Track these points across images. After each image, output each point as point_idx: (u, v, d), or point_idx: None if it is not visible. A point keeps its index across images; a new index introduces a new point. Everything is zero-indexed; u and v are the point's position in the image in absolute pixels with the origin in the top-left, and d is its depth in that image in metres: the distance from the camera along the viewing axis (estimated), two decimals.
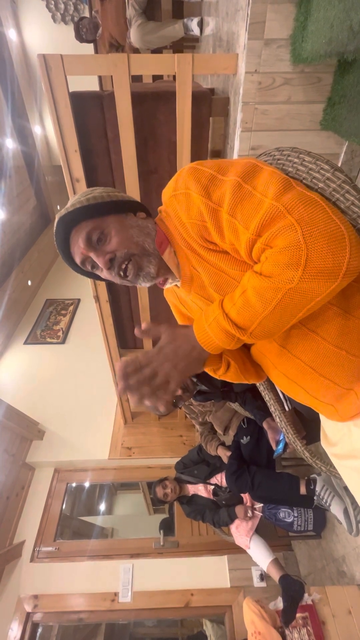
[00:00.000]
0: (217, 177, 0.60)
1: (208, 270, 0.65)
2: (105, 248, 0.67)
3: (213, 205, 0.59)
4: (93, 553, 2.63)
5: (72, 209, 0.67)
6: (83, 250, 0.68)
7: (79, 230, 0.67)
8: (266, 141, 1.42)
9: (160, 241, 0.69)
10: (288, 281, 0.52)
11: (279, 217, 0.53)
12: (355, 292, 0.60)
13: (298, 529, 2.01)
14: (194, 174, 0.62)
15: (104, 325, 2.27)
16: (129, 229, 0.68)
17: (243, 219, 0.56)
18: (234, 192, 0.57)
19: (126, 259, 0.67)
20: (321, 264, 0.50)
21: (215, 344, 0.60)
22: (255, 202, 0.55)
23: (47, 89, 1.38)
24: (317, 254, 0.50)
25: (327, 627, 1.57)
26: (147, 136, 1.62)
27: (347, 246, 0.50)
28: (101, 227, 0.67)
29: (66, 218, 0.67)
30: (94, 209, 0.67)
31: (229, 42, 1.55)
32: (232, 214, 0.57)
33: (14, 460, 2.88)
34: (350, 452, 0.72)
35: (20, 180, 4.82)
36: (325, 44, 1.01)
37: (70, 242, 0.69)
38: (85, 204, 0.67)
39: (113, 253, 0.67)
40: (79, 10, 4.47)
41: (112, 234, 0.67)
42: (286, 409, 1.15)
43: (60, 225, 0.67)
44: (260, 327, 0.57)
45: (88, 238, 0.67)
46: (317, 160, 0.57)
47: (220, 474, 2.26)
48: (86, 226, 0.67)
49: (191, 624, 3.13)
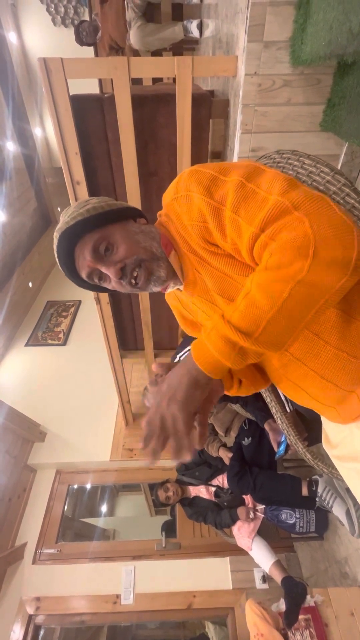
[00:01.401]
0: (219, 178, 0.59)
1: (211, 273, 0.64)
2: (114, 258, 0.65)
3: (215, 204, 0.57)
4: (95, 555, 2.63)
5: (73, 223, 0.64)
6: (90, 263, 0.65)
7: (83, 243, 0.65)
8: (266, 143, 1.42)
9: (164, 244, 0.68)
10: (297, 271, 0.47)
11: (285, 212, 0.51)
12: (356, 295, 0.60)
13: (300, 530, 2.01)
14: (195, 176, 0.61)
15: (105, 327, 2.28)
16: (134, 236, 0.67)
17: (247, 216, 0.54)
18: (237, 191, 0.55)
19: (137, 265, 0.65)
20: (331, 253, 0.47)
21: (213, 358, 0.52)
22: (259, 199, 0.54)
23: (48, 92, 1.39)
24: (326, 245, 0.47)
25: (330, 629, 1.56)
26: (147, 138, 1.62)
27: (356, 240, 0.48)
28: (106, 237, 0.65)
29: (68, 232, 0.64)
30: (95, 220, 0.65)
31: (228, 44, 1.56)
32: (235, 211, 0.55)
33: (15, 462, 2.88)
34: (352, 454, 0.72)
35: (20, 182, 4.83)
36: (325, 46, 1.01)
37: (75, 256, 0.66)
38: (86, 215, 0.65)
39: (123, 262, 0.65)
40: (78, 13, 4.49)
41: (119, 243, 0.65)
42: (287, 411, 1.15)
43: (63, 241, 0.64)
44: (267, 331, 0.50)
45: (95, 250, 0.64)
46: (317, 163, 0.57)
47: (222, 475, 2.25)
48: (91, 238, 0.64)
49: (193, 626, 3.12)
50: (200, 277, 0.67)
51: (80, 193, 1.65)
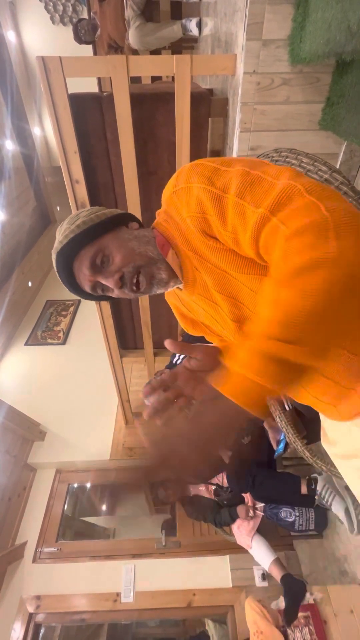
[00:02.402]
0: (221, 169, 0.57)
1: (210, 270, 0.64)
2: (112, 268, 0.66)
3: (216, 192, 0.55)
4: (95, 553, 2.63)
5: (66, 241, 0.66)
6: (90, 277, 0.67)
7: (80, 259, 0.66)
8: (265, 141, 1.42)
9: (161, 245, 0.68)
10: (325, 250, 0.42)
11: (297, 195, 0.47)
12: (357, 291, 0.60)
13: (299, 528, 2.01)
14: (196, 168, 0.60)
15: (105, 326, 2.28)
16: (127, 243, 0.68)
17: (254, 199, 0.51)
18: (242, 178, 0.53)
19: (135, 272, 0.66)
20: (354, 234, 0.43)
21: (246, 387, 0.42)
22: (266, 184, 0.51)
23: (46, 91, 1.39)
24: (346, 228, 0.43)
25: (329, 626, 1.57)
26: (146, 137, 1.62)
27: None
28: (101, 250, 0.66)
29: (64, 251, 0.66)
30: (88, 234, 0.66)
31: (227, 43, 1.55)
32: (240, 196, 0.52)
33: (15, 462, 2.88)
34: (351, 452, 0.72)
35: (20, 182, 4.83)
36: (323, 44, 1.01)
37: (75, 273, 0.67)
38: (77, 231, 0.66)
39: (120, 271, 0.66)
40: (77, 11, 4.48)
41: (114, 253, 0.66)
42: (286, 409, 1.15)
43: (60, 260, 0.66)
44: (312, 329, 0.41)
45: (92, 263, 0.66)
46: (315, 161, 0.57)
47: (221, 474, 2.26)
48: (86, 253, 0.66)
49: (193, 624, 3.13)
50: (200, 275, 0.67)
51: (79, 192, 1.65)
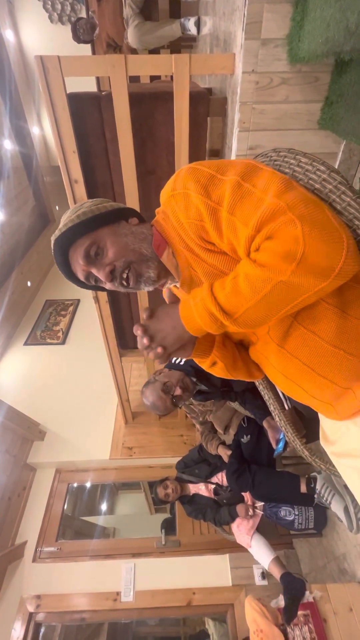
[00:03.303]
0: (217, 177, 0.59)
1: (206, 270, 0.65)
2: (104, 261, 0.68)
3: (212, 204, 0.59)
4: (95, 553, 2.63)
5: (65, 229, 0.68)
6: (83, 267, 0.69)
7: (75, 248, 0.68)
8: (264, 141, 1.42)
9: (157, 244, 0.69)
10: (280, 272, 0.52)
11: (280, 213, 0.52)
12: (352, 292, 0.60)
13: (299, 527, 2.02)
14: (193, 173, 0.61)
15: (104, 326, 2.28)
16: (123, 238, 0.69)
17: (242, 217, 0.56)
18: (233, 191, 0.57)
19: (126, 267, 0.68)
20: (315, 261, 0.51)
21: (196, 324, 0.62)
22: (255, 199, 0.55)
23: (45, 91, 1.38)
24: (314, 252, 0.50)
25: (329, 625, 1.58)
26: (145, 137, 1.62)
27: (344, 249, 0.51)
28: (96, 241, 0.68)
29: (61, 239, 0.68)
30: (86, 225, 0.68)
31: (226, 42, 1.55)
32: (231, 212, 0.57)
33: (15, 461, 2.88)
34: (349, 451, 0.72)
35: (18, 181, 4.82)
36: (322, 43, 1.01)
37: (70, 261, 0.70)
38: (77, 221, 0.68)
39: (112, 264, 0.68)
40: (75, 10, 4.47)
41: (108, 246, 0.68)
42: (286, 408, 1.15)
43: (57, 247, 0.69)
44: (246, 315, 0.57)
45: (87, 254, 0.68)
46: (314, 161, 0.57)
47: (221, 473, 2.26)
48: (82, 243, 0.68)
49: (193, 623, 3.14)
50: (196, 274, 0.67)
51: (78, 192, 1.64)
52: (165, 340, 0.65)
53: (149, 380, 1.69)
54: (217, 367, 0.75)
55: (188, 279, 0.70)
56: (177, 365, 1.69)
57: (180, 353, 0.70)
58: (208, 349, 0.73)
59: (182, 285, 0.72)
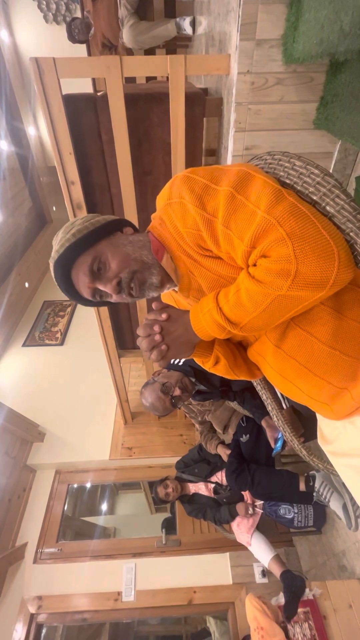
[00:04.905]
0: (211, 187, 0.60)
1: (205, 274, 0.66)
2: (109, 275, 0.67)
3: (208, 216, 0.60)
4: (96, 553, 2.64)
5: (63, 250, 0.67)
6: (88, 284, 0.68)
7: (78, 267, 0.67)
8: (260, 141, 1.42)
9: (156, 249, 0.69)
10: (277, 288, 0.56)
11: (271, 229, 0.54)
12: (348, 294, 0.61)
13: (298, 525, 2.03)
14: (187, 183, 0.62)
15: (102, 327, 2.28)
16: (122, 248, 0.69)
17: (237, 230, 0.58)
18: (227, 203, 0.58)
19: (131, 277, 0.68)
20: (310, 276, 0.54)
21: (206, 332, 0.66)
22: (248, 213, 0.57)
23: (40, 93, 1.38)
24: (307, 268, 0.53)
25: (329, 621, 1.59)
26: (141, 138, 1.62)
27: (336, 261, 0.53)
28: (97, 256, 0.67)
29: (60, 261, 0.67)
30: (84, 242, 0.67)
31: (221, 42, 1.55)
32: (226, 225, 0.59)
33: (15, 463, 2.88)
34: (346, 450, 0.73)
35: (15, 182, 4.80)
36: (316, 44, 1.01)
37: (73, 281, 0.69)
38: (73, 240, 0.67)
39: (117, 277, 0.67)
40: (70, 10, 4.44)
41: (110, 259, 0.67)
42: (284, 408, 1.16)
43: (58, 269, 0.68)
44: (250, 324, 0.62)
45: (90, 271, 0.67)
46: (307, 164, 0.58)
47: (220, 472, 2.27)
48: (84, 261, 0.67)
49: (194, 621, 3.15)
50: (195, 278, 0.68)
51: (75, 193, 1.64)
52: (177, 341, 0.68)
53: (148, 381, 1.69)
54: (220, 365, 0.76)
55: (187, 283, 0.70)
56: (175, 365, 1.69)
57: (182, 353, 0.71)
58: (209, 347, 0.74)
59: (180, 290, 0.73)
